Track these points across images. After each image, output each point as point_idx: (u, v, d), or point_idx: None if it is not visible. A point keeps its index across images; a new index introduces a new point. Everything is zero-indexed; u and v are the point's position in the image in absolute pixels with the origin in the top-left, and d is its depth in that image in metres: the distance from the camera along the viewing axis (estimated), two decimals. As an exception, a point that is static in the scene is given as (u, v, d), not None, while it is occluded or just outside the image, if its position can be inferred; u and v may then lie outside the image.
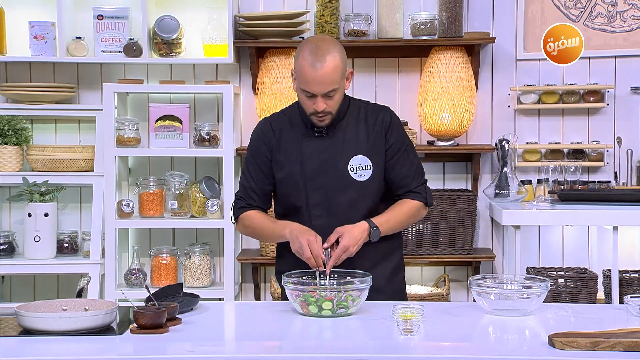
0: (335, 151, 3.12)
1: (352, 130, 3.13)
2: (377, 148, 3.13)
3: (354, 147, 3.12)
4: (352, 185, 3.11)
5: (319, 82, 2.98)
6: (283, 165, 3.15)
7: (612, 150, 4.85)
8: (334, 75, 2.99)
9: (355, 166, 3.11)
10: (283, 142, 3.16)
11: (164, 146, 4.66)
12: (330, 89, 3.00)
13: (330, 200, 3.11)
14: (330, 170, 3.11)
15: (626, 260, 4.66)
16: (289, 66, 4.76)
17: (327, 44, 3.03)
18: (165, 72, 4.96)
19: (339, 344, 2.58)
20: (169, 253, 4.74)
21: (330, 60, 2.98)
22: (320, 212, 3.12)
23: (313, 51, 3.00)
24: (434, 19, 4.72)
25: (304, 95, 3.04)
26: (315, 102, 3.01)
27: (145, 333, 2.58)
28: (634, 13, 4.83)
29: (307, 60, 2.98)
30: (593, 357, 2.34)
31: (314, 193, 3.12)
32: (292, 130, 3.16)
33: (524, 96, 4.87)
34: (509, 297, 2.83)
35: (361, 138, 3.13)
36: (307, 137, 3.14)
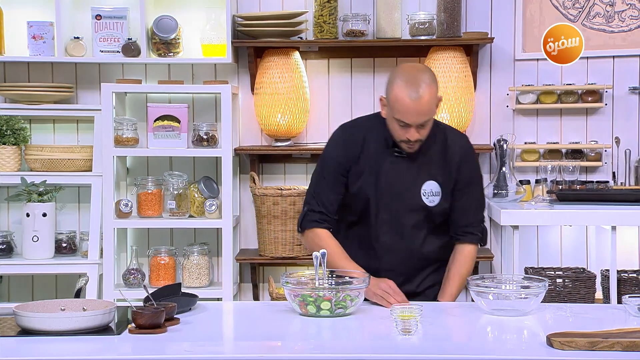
0: (411, 174, 3.15)
1: (429, 155, 3.16)
2: (448, 176, 3.16)
3: (429, 172, 3.15)
4: (421, 209, 3.15)
5: (416, 114, 2.99)
6: (359, 178, 3.17)
7: (610, 150, 4.85)
8: (430, 106, 3.01)
9: (428, 191, 3.15)
10: (364, 156, 3.17)
11: (162, 146, 4.66)
12: (425, 119, 3.01)
13: (398, 220, 3.16)
14: (403, 191, 3.15)
15: (624, 260, 4.66)
16: (287, 66, 4.76)
17: (423, 74, 3.03)
18: (164, 72, 4.95)
19: (337, 344, 2.58)
20: (167, 253, 4.74)
21: (427, 91, 2.99)
22: (387, 229, 3.17)
23: (410, 82, 2.99)
24: (433, 19, 4.72)
25: (396, 124, 3.04)
26: (409, 132, 3.03)
27: (144, 333, 2.58)
28: (632, 13, 4.83)
29: (404, 92, 2.98)
30: (591, 357, 2.34)
31: (384, 211, 3.16)
32: (374, 145, 3.17)
33: (523, 96, 4.87)
34: (507, 297, 2.83)
35: (436, 164, 3.16)
36: (386, 155, 3.15)
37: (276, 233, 4.70)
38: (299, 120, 4.80)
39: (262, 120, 4.82)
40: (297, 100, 4.77)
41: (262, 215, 4.74)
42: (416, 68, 3.10)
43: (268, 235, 4.72)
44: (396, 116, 3.02)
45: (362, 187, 3.16)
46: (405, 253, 3.16)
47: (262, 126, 4.86)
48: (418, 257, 3.19)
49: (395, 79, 3.02)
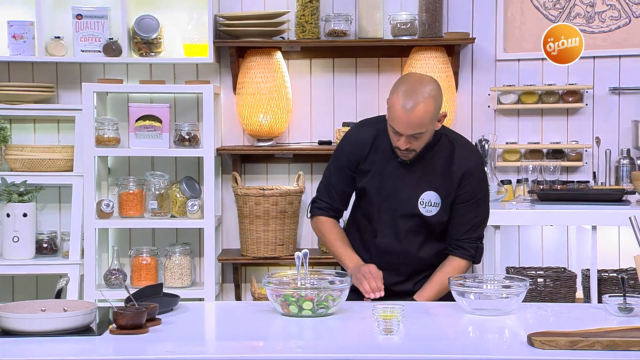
0: (412, 181, 3.15)
1: (433, 166, 3.15)
2: (450, 189, 3.15)
3: (430, 182, 3.15)
4: (417, 217, 3.16)
5: (406, 125, 2.98)
6: (365, 176, 3.19)
7: (590, 150, 4.88)
8: (422, 120, 2.98)
9: (426, 201, 3.15)
10: (371, 155, 3.19)
11: (144, 146, 4.64)
12: (416, 132, 3.00)
13: (396, 224, 3.18)
14: (402, 197, 3.16)
15: (605, 259, 4.68)
16: (270, 66, 4.76)
17: (424, 87, 2.99)
18: (145, 72, 4.94)
19: (319, 344, 2.58)
20: (149, 253, 4.72)
21: (422, 105, 2.96)
22: (386, 231, 3.19)
23: (408, 92, 2.97)
24: (414, 19, 4.73)
25: (391, 129, 3.06)
26: (399, 140, 3.03)
27: (125, 333, 2.57)
28: (612, 14, 4.86)
29: (399, 100, 2.97)
30: (572, 356, 2.35)
31: (384, 212, 3.19)
32: (382, 146, 3.18)
33: (504, 96, 4.89)
34: (488, 297, 2.83)
35: (439, 176, 3.15)
36: (391, 159, 3.16)
37: (258, 233, 4.70)
38: (281, 120, 4.80)
39: (244, 120, 4.82)
40: (279, 100, 4.76)
41: (244, 215, 4.73)
42: (420, 80, 3.04)
43: (250, 236, 4.71)
44: (389, 122, 3.05)
45: (367, 186, 3.19)
46: (402, 256, 3.17)
47: (244, 126, 4.86)
48: (415, 260, 3.19)
49: (398, 86, 3.02)
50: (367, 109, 4.93)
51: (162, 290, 2.97)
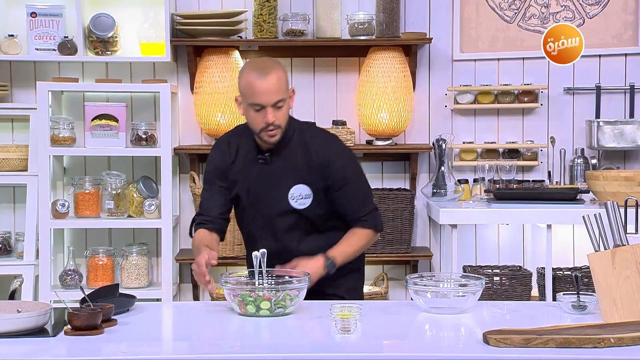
0: (277, 179, 3.21)
1: (294, 159, 3.21)
2: (318, 178, 3.20)
3: (295, 175, 3.20)
4: (292, 213, 3.21)
5: (267, 92, 3.07)
6: (234, 187, 3.27)
7: (545, 150, 4.93)
8: (280, 84, 3.10)
9: (296, 195, 3.21)
10: (235, 165, 3.27)
11: (100, 145, 4.60)
12: (278, 98, 3.09)
13: (272, 224, 3.24)
14: (271, 197, 3.22)
15: (559, 258, 4.73)
16: (227, 65, 4.74)
17: (269, 60, 3.25)
18: (101, 71, 4.90)
19: (276, 342, 2.58)
20: (105, 253, 4.69)
21: (275, 72, 3.11)
22: (263, 234, 3.25)
23: (257, 66, 3.15)
24: (372, 19, 4.75)
25: (252, 112, 3.12)
26: (265, 115, 3.09)
27: (80, 334, 2.55)
28: (567, 14, 4.92)
29: (252, 75, 3.10)
30: (526, 353, 2.37)
31: (257, 217, 3.25)
32: (244, 153, 3.26)
33: (460, 96, 4.93)
34: (445, 295, 2.85)
35: (302, 167, 3.20)
36: (253, 163, 3.24)
37: (216, 233, 4.67)
38: (238, 119, 4.77)
39: (202, 119, 4.80)
40: (236, 99, 4.75)
41: (201, 215, 4.71)
42: (263, 58, 3.36)
43: (208, 235, 4.69)
44: (249, 100, 3.10)
45: (237, 195, 3.27)
46: (282, 255, 3.17)
47: (202, 125, 4.84)
48: (298, 255, 3.18)
49: (244, 70, 3.18)
50: (325, 108, 4.93)
51: (119, 290, 2.95)
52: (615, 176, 4.43)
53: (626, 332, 2.45)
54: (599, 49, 4.88)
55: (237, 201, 3.30)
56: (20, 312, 2.63)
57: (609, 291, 2.68)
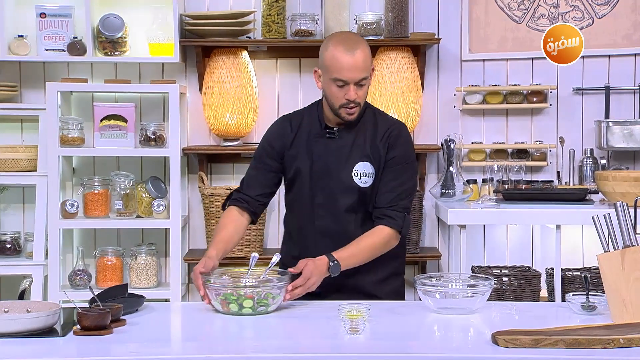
0: (343, 155, 3.14)
1: (362, 136, 3.15)
2: (380, 157, 3.14)
3: (361, 152, 3.14)
4: (354, 191, 3.13)
5: (353, 69, 3.00)
6: (294, 162, 3.17)
7: (554, 150, 4.92)
8: (366, 62, 3.03)
9: (360, 172, 3.13)
10: (297, 140, 3.18)
11: (109, 146, 4.61)
12: (362, 76, 3.03)
13: (333, 202, 3.15)
14: (335, 172, 3.14)
15: (568, 258, 4.72)
16: (236, 65, 4.74)
17: (355, 36, 3.13)
18: (110, 71, 4.91)
19: (286, 343, 2.58)
20: (114, 254, 4.69)
21: (361, 49, 3.04)
22: (323, 212, 3.16)
23: (343, 41, 3.04)
24: (380, 19, 4.75)
25: (335, 87, 3.05)
26: (348, 92, 3.03)
27: (89, 334, 2.55)
28: (576, 15, 4.91)
29: (339, 49, 3.02)
30: (535, 354, 2.37)
31: (319, 194, 3.16)
32: (308, 129, 3.19)
33: (469, 96, 4.92)
34: (454, 296, 2.85)
35: (368, 145, 3.15)
36: (318, 137, 3.16)
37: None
38: (247, 120, 4.79)
39: (210, 119, 4.80)
40: (245, 99, 4.76)
41: (210, 215, 4.71)
42: (347, 32, 3.19)
43: (216, 236, 4.69)
44: (333, 75, 3.03)
45: (298, 170, 3.17)
46: (340, 237, 3.11)
47: (210, 126, 4.84)
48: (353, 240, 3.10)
49: (329, 43, 3.07)
50: None
51: (127, 290, 2.96)
52: (625, 176, 4.41)
53: (636, 332, 2.45)
54: (608, 49, 4.87)
55: (295, 178, 3.18)
56: (29, 312, 2.64)
57: (619, 292, 2.67)
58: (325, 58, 3.06)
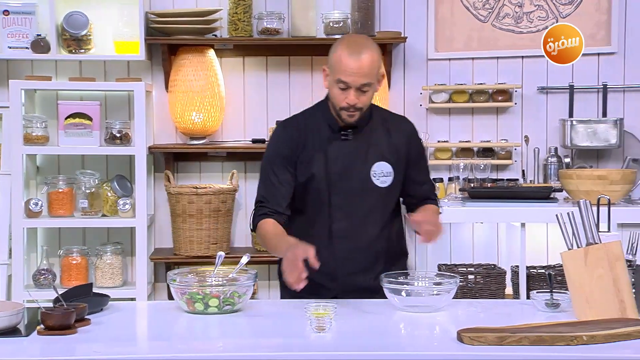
0: (359, 156, 3.11)
1: (376, 136, 3.14)
2: (398, 156, 3.14)
3: (378, 153, 3.12)
4: (373, 191, 3.12)
5: (355, 73, 2.97)
6: (307, 167, 3.11)
7: (520, 149, 4.96)
8: (370, 69, 2.99)
9: (378, 172, 3.12)
10: (308, 144, 3.12)
11: (73, 144, 4.58)
12: (365, 81, 2.99)
13: (351, 204, 3.11)
14: (353, 174, 3.10)
15: (533, 256, 4.76)
16: (202, 64, 4.73)
17: (365, 40, 3.08)
18: (75, 69, 4.87)
19: (253, 342, 2.57)
20: (79, 253, 4.66)
21: (368, 54, 2.99)
22: (341, 215, 3.11)
23: (352, 44, 3.01)
24: (347, 18, 4.76)
25: (337, 89, 3.02)
26: (348, 95, 3.00)
27: (53, 334, 2.53)
28: (540, 14, 4.95)
29: (345, 52, 2.99)
30: (500, 351, 2.38)
31: (336, 196, 3.11)
32: (318, 132, 3.13)
33: (435, 95, 4.94)
34: (419, 294, 2.86)
35: (384, 144, 3.14)
36: (332, 140, 3.12)
37: (191, 232, 4.67)
38: (214, 118, 4.77)
39: (176, 118, 4.78)
40: (212, 98, 4.74)
41: (177, 214, 4.70)
42: (359, 36, 3.17)
43: (183, 234, 4.68)
44: (337, 76, 3.00)
45: (312, 174, 3.10)
46: (361, 239, 3.11)
47: (176, 124, 4.82)
48: (374, 244, 3.12)
49: (339, 44, 3.04)
50: (301, 107, 4.84)
51: (92, 290, 2.94)
52: (589, 175, 4.46)
53: (598, 330, 2.48)
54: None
55: (308, 182, 3.11)
56: (-8, 312, 2.61)
57: (582, 289, 2.70)
58: (332, 58, 3.03)
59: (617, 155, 4.96)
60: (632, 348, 2.43)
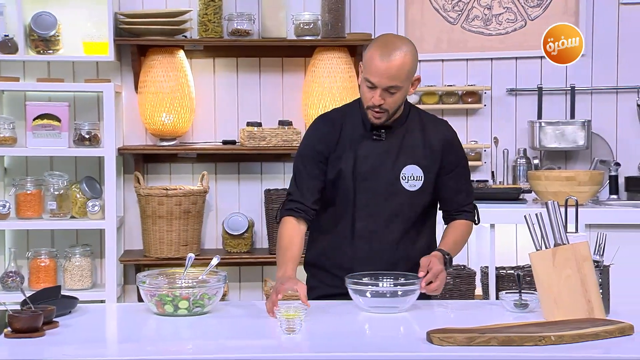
0: (390, 157, 3.06)
1: (409, 139, 3.08)
2: (432, 161, 3.08)
3: (409, 155, 3.06)
4: (401, 194, 3.06)
5: (382, 74, 2.91)
6: (337, 163, 3.06)
7: (489, 150, 4.99)
8: (399, 71, 2.92)
9: (408, 175, 3.06)
10: (341, 140, 3.07)
11: (42, 145, 4.54)
12: (391, 84, 2.93)
13: (377, 205, 3.06)
14: (381, 175, 3.05)
15: (502, 257, 4.79)
16: (172, 65, 4.71)
17: (401, 41, 2.99)
18: (43, 70, 4.83)
19: (224, 344, 2.57)
20: (47, 255, 4.63)
21: (400, 56, 2.92)
22: (364, 215, 3.06)
23: (385, 43, 2.95)
24: (317, 19, 4.76)
25: (365, 86, 2.97)
26: (374, 95, 2.95)
27: (21, 337, 2.51)
28: (509, 16, 4.98)
29: (376, 51, 2.93)
30: (469, 352, 2.39)
31: (362, 196, 3.06)
32: (351, 129, 3.08)
33: (405, 97, 4.95)
34: (384, 295, 2.85)
35: (418, 148, 3.07)
36: (364, 139, 3.07)
37: (161, 233, 4.65)
38: (184, 119, 4.76)
39: (146, 119, 4.76)
40: (182, 99, 4.73)
41: (147, 215, 4.67)
42: (397, 36, 3.07)
43: (153, 236, 4.66)
44: (365, 75, 2.96)
45: (340, 171, 3.06)
46: (383, 241, 3.07)
47: (146, 125, 4.80)
48: (395, 249, 3.08)
49: (374, 42, 3.00)
50: (271, 108, 4.93)
51: (61, 292, 2.91)
52: (557, 176, 4.50)
53: (566, 330, 2.49)
54: (540, 50, 4.95)
55: (336, 179, 3.06)
56: (-41, 315, 2.59)
57: (550, 290, 2.72)
58: (365, 56, 2.98)
59: (585, 156, 5.01)
60: (600, 348, 2.45)
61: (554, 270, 2.72)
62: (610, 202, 4.74)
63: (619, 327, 2.54)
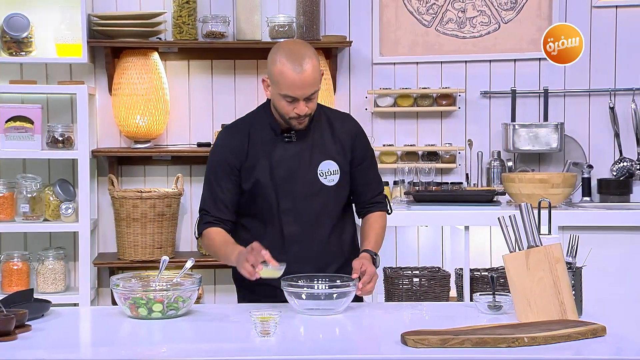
0: (305, 157, 3.08)
1: (319, 136, 3.11)
2: (343, 154, 3.12)
3: (323, 152, 3.10)
4: (322, 192, 3.09)
5: (302, 86, 2.93)
6: (251, 173, 3.07)
7: (463, 153, 5.01)
8: (314, 76, 2.95)
9: (325, 171, 3.09)
10: (251, 149, 3.08)
11: (14, 148, 4.51)
12: (312, 91, 2.96)
13: (301, 206, 3.08)
14: (300, 175, 3.07)
15: (477, 259, 4.80)
16: (146, 67, 4.69)
17: (302, 47, 3.00)
18: (16, 72, 4.79)
19: (199, 347, 2.56)
20: (20, 258, 4.59)
21: (309, 62, 2.94)
22: (291, 218, 3.08)
23: (291, 56, 2.94)
24: (292, 21, 4.76)
25: (284, 102, 2.97)
26: (297, 106, 2.96)
27: (-7, 341, 2.49)
28: (483, 20, 5.01)
29: (286, 65, 2.93)
30: (443, 354, 2.40)
31: (284, 200, 3.07)
32: (260, 136, 3.09)
33: (380, 99, 4.97)
34: (318, 297, 2.84)
35: (328, 143, 3.11)
36: (276, 143, 3.08)
37: (136, 236, 4.62)
38: (158, 121, 4.74)
39: (120, 121, 4.74)
40: (156, 101, 4.71)
41: (121, 218, 4.65)
42: (295, 43, 3.08)
43: (127, 239, 4.64)
44: (282, 92, 2.96)
45: (257, 180, 3.07)
46: (314, 241, 3.09)
47: (120, 128, 4.78)
48: (326, 246, 3.11)
49: (277, 56, 2.98)
50: (246, 110, 4.85)
51: (33, 295, 2.90)
52: (530, 178, 4.52)
53: (539, 331, 2.51)
54: (514, 53, 4.99)
55: (253, 188, 3.07)
56: None
57: (524, 291, 2.73)
58: (273, 73, 2.97)
59: (558, 158, 5.04)
60: (572, 349, 2.47)
61: (527, 272, 2.74)
62: (583, 204, 4.78)
63: (591, 329, 2.56)
